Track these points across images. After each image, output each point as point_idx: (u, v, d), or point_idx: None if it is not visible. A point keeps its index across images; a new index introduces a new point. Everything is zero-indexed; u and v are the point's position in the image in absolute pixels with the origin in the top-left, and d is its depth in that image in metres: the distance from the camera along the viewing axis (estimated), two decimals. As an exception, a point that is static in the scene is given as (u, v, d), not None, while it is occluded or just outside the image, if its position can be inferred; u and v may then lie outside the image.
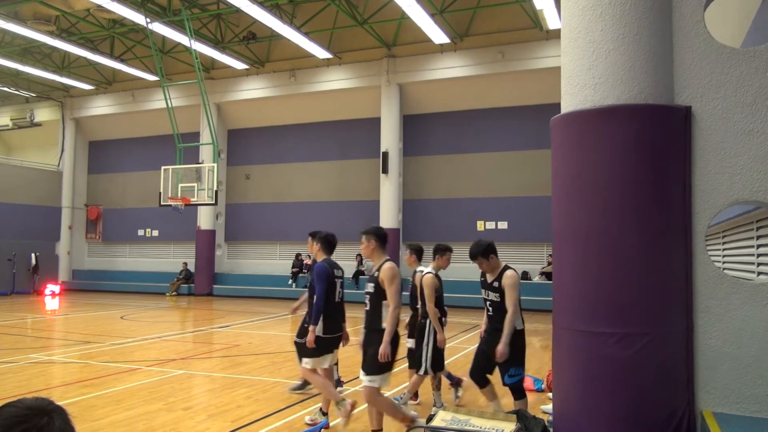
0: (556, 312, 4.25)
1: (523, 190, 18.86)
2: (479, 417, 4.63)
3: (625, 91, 3.96)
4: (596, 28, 4.03)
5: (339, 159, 21.47)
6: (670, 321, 3.90)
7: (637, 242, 3.90)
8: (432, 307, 6.11)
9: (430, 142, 20.22)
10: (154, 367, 8.84)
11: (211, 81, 21.88)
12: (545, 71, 17.37)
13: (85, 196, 26.05)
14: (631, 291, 3.88)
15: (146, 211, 23.98)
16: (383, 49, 19.70)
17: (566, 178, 4.19)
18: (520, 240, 19.05)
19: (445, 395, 6.90)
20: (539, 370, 8.37)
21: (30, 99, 25.93)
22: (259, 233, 22.62)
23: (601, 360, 3.88)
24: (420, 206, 20.19)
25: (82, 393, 7.16)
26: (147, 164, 23.61)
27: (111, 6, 15.34)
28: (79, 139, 25.86)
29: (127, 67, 21.12)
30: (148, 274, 24.02)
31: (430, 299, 6.13)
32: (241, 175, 23.04)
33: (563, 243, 4.21)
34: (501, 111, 19.38)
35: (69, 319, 16.08)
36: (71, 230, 25.39)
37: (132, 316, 15.99)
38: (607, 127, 4.00)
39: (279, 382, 7.74)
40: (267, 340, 11.66)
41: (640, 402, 3.81)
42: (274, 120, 22.33)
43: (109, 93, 24.40)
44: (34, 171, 24.80)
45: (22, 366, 8.97)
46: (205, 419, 6.05)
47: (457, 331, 13.05)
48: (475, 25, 18.57)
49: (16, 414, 1.34)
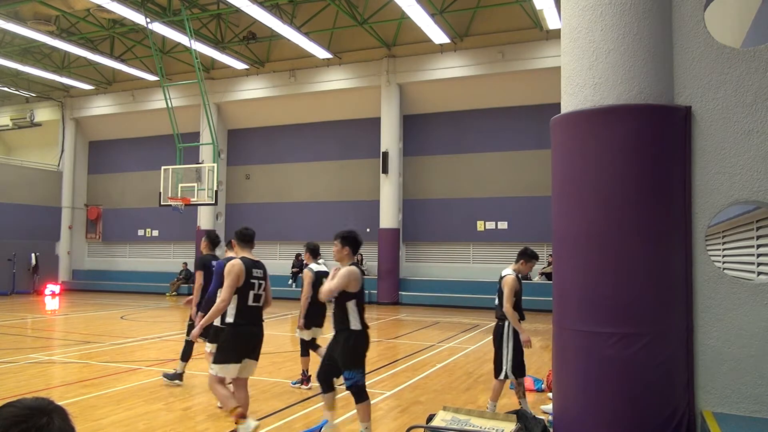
0: (556, 312, 4.25)
1: (523, 191, 18.86)
2: (479, 417, 4.64)
3: (625, 91, 3.96)
4: (596, 28, 4.03)
5: (339, 159, 21.47)
6: (670, 321, 3.90)
7: (637, 242, 3.90)
8: (510, 309, 5.88)
9: (430, 142, 20.22)
10: (155, 367, 8.84)
11: (211, 81, 21.89)
12: (545, 71, 17.38)
13: (85, 196, 26.05)
14: (630, 291, 3.88)
15: (146, 211, 23.98)
16: (383, 49, 19.71)
17: (566, 178, 4.19)
18: (520, 240, 18.98)
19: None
20: (539, 370, 8.37)
21: (30, 99, 25.93)
22: (259, 233, 22.26)
23: (601, 360, 3.88)
24: (420, 206, 20.19)
25: (82, 393, 7.16)
26: (147, 164, 23.61)
27: (111, 6, 15.34)
28: (79, 139, 25.87)
29: (127, 67, 21.12)
30: (148, 274, 24.02)
31: (509, 300, 5.88)
32: (241, 175, 23.05)
33: (563, 243, 4.21)
34: (501, 111, 19.38)
35: (69, 319, 16.08)
36: (71, 230, 25.39)
37: (132, 316, 15.99)
38: (607, 127, 4.00)
39: (278, 383, 7.75)
40: (266, 341, 11.63)
41: (640, 402, 3.81)
42: (274, 120, 22.33)
43: (109, 93, 24.41)
44: (34, 171, 24.81)
45: (22, 366, 8.97)
46: (204, 419, 6.05)
47: (457, 331, 13.05)
48: (475, 25, 18.57)
49: (15, 414, 1.34)
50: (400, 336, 12.65)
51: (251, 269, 5.33)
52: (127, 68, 21.18)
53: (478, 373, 8.54)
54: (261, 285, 5.41)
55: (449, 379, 8.07)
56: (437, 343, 11.30)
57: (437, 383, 7.83)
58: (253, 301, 5.34)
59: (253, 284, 5.32)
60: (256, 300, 5.38)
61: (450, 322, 14.89)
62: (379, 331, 13.85)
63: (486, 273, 19.29)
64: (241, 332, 5.29)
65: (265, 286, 5.50)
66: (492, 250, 19.46)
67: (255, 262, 5.44)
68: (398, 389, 7.44)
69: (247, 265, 5.30)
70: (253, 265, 5.39)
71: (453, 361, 9.41)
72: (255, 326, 5.42)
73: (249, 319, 5.32)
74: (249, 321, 5.32)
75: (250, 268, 5.33)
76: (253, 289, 5.32)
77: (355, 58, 20.15)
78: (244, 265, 5.28)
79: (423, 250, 20.33)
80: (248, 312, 5.30)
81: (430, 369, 8.76)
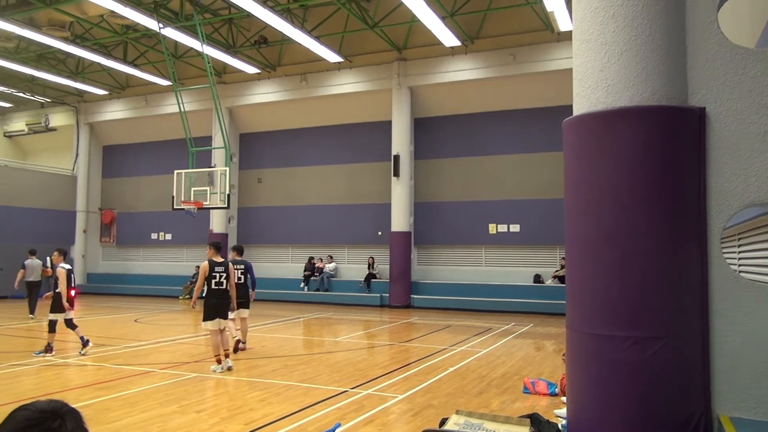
0: (569, 315, 4.22)
1: (535, 193, 18.77)
2: (492, 421, 4.61)
3: (638, 93, 3.93)
4: (608, 30, 4.00)
5: (350, 162, 21.50)
6: (685, 324, 3.86)
7: (651, 245, 3.87)
8: None
9: (442, 145, 20.19)
10: (168, 369, 8.88)
11: (223, 85, 22.02)
12: (557, 73, 17.31)
13: (99, 200, 26.31)
14: (645, 294, 3.85)
15: (159, 215, 24.15)
16: (394, 53, 19.73)
17: (579, 180, 4.16)
18: (533, 243, 18.96)
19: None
20: (553, 374, 8.31)
21: (45, 104, 26.25)
22: (272, 236, 22.69)
23: (616, 364, 3.85)
24: (432, 209, 20.16)
25: (97, 395, 7.21)
26: (160, 168, 23.79)
27: (124, 12, 15.48)
28: (93, 144, 26.14)
29: (140, 72, 21.31)
30: (161, 277, 24.18)
31: None
32: (253, 179, 23.15)
33: (576, 245, 4.18)
34: (512, 113, 19.32)
35: (83, 322, 16.18)
36: (86, 234, 25.63)
37: (146, 319, 16.09)
38: (620, 128, 3.97)
39: (292, 385, 7.76)
40: (280, 343, 11.69)
41: (655, 406, 3.77)
42: (285, 124, 22.42)
43: (122, 98, 24.65)
44: (49, 175, 25.08)
45: (37, 368, 9.05)
46: (218, 422, 6.07)
47: (469, 335, 13.00)
48: (486, 28, 18.54)
49: (28, 417, 1.35)
50: (412, 339, 12.63)
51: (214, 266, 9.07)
52: (140, 73, 21.37)
53: (491, 376, 8.50)
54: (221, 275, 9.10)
55: (462, 383, 8.03)
56: (449, 347, 11.26)
57: (450, 387, 7.80)
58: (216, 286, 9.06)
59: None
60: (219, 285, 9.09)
61: (462, 325, 14.84)
62: (391, 334, 13.84)
63: (498, 276, 19.22)
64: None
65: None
66: (504, 253, 19.38)
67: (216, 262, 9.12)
68: (410, 393, 7.42)
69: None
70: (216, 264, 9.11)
71: (465, 365, 9.38)
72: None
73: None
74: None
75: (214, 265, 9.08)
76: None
77: (366, 62, 20.19)
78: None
79: (435, 253, 20.29)
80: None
81: (443, 372, 8.73)
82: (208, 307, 8.97)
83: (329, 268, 21.16)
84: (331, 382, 8.01)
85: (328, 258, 21.40)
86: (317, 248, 21.83)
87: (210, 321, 8.88)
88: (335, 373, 8.71)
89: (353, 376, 8.40)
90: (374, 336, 13.63)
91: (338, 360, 9.94)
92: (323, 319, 16.28)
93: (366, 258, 20.86)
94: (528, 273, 18.93)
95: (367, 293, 20.16)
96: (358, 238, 21.25)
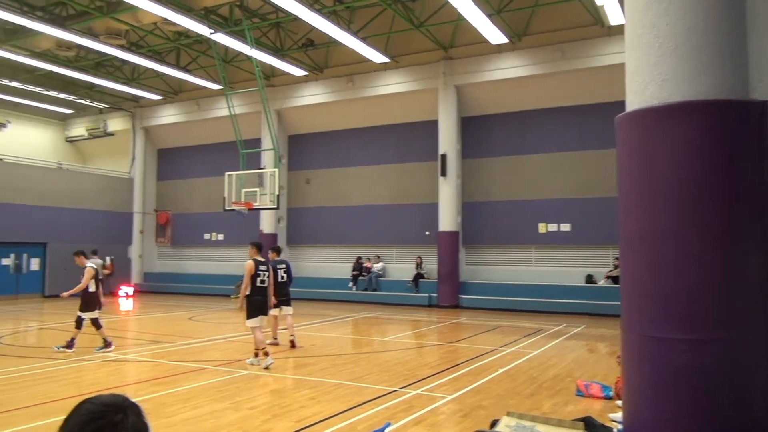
0: (625, 317, 4.11)
1: (586, 192, 18.36)
2: (544, 423, 4.54)
3: (694, 87, 3.79)
4: (662, 23, 3.88)
5: (397, 162, 21.53)
6: (747, 326, 3.70)
7: (710, 243, 3.73)
8: None
9: (489, 144, 19.99)
10: (221, 366, 9.10)
11: (271, 88, 22.39)
12: (608, 68, 16.87)
13: (155, 202, 27.19)
14: (704, 294, 3.71)
15: (211, 216, 24.76)
16: (440, 52, 19.65)
17: (633, 177, 4.05)
18: (584, 242, 18.56)
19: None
20: (607, 377, 8.12)
21: (103, 110, 27.34)
22: (320, 236, 22.94)
23: (673, 367, 3.72)
24: (480, 208, 19.98)
25: (154, 391, 7.46)
26: (212, 170, 24.37)
27: (176, 19, 15.94)
28: (149, 147, 27.04)
29: (192, 77, 21.91)
30: (214, 276, 24.79)
31: None
32: (302, 180, 23.46)
33: (631, 245, 4.07)
34: (562, 110, 18.96)
35: (141, 319, 16.78)
36: (142, 234, 26.53)
37: (199, 317, 16.53)
38: (676, 124, 3.85)
39: (341, 384, 7.83)
40: (329, 342, 11.81)
41: (715, 413, 3.63)
42: (333, 125, 22.64)
43: (175, 102, 25.40)
44: (108, 178, 26.09)
45: (98, 364, 9.43)
46: (269, 419, 6.18)
47: (519, 336, 12.83)
48: (534, 24, 18.25)
49: (92, 410, 1.41)
50: (461, 340, 12.55)
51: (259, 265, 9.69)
52: (192, 78, 21.97)
53: (542, 378, 8.36)
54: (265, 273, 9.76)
55: (512, 384, 7.94)
56: (499, 348, 11.14)
57: (500, 388, 7.72)
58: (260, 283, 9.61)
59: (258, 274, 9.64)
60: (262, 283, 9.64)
61: (511, 326, 14.65)
62: (440, 334, 13.79)
63: (549, 276, 18.89)
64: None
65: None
66: (555, 253, 19.04)
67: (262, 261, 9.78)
68: (460, 393, 7.38)
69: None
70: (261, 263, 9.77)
71: (516, 366, 9.26)
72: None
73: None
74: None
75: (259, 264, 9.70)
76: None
77: (412, 62, 20.17)
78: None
79: (483, 253, 20.11)
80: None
81: (493, 373, 8.64)
82: (252, 305, 9.40)
83: (377, 268, 21.25)
84: (380, 382, 8.04)
85: (376, 258, 21.49)
86: (365, 248, 21.94)
87: (254, 319, 9.34)
88: (384, 372, 8.74)
89: (402, 376, 8.41)
90: (423, 336, 13.61)
91: (387, 359, 9.98)
92: (371, 319, 16.36)
93: (414, 258, 20.85)
94: (579, 273, 18.53)
95: (415, 293, 20.14)
96: (405, 237, 21.25)
